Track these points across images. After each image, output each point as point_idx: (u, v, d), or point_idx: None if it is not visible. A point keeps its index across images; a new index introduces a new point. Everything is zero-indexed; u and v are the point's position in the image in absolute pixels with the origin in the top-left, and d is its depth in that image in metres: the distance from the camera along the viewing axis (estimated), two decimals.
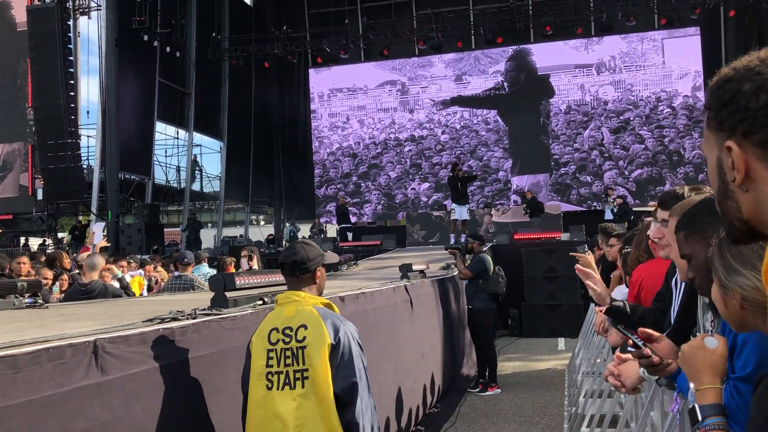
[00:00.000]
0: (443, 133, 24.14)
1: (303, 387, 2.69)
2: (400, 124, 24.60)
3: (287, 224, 25.88)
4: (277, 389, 2.70)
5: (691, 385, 1.61)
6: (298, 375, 2.71)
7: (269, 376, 2.72)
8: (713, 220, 1.72)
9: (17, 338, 2.18)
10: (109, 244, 12.18)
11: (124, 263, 8.44)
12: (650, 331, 2.12)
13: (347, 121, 25.14)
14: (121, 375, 2.29)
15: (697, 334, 2.28)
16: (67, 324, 3.01)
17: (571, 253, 8.38)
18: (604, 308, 3.22)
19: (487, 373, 8.45)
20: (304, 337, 2.73)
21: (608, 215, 17.00)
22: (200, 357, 2.78)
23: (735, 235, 1.07)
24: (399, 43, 23.27)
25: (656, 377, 2.15)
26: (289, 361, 2.72)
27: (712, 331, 2.03)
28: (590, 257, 4.70)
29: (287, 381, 2.71)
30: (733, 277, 1.45)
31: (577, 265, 3.64)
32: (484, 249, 9.28)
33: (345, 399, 2.69)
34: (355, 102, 25.14)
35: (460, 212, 15.29)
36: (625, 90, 22.72)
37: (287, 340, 2.74)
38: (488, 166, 23.46)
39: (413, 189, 24.22)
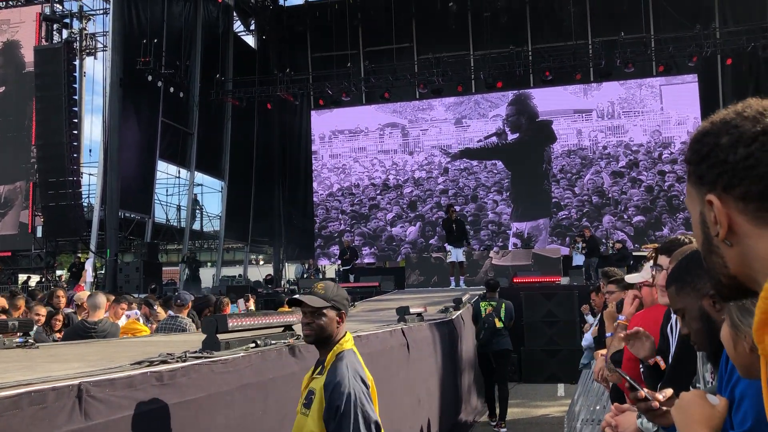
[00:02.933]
0: (442, 175, 24.24)
1: None
2: (400, 166, 24.72)
3: (299, 264, 25.71)
4: None
5: None
6: None
7: None
8: (704, 271, 1.67)
9: (0, 381, 2.12)
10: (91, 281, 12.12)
11: (125, 305, 8.29)
12: (668, 391, 1.97)
13: (348, 162, 25.27)
14: (105, 420, 2.23)
15: (698, 385, 2.22)
16: (55, 366, 2.96)
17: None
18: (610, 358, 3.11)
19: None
20: None
21: (577, 261, 17.08)
22: (188, 401, 2.71)
23: (723, 291, 1.03)
24: (400, 87, 23.50)
25: (655, 429, 2.09)
26: None
27: (711, 382, 1.97)
28: (611, 308, 4.57)
29: None
30: (747, 318, 1.38)
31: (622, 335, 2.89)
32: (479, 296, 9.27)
33: None
34: (356, 144, 25.30)
35: (456, 254, 15.25)
36: (624, 135, 22.87)
37: None
38: (484, 209, 23.46)
39: (411, 230, 24.19)
